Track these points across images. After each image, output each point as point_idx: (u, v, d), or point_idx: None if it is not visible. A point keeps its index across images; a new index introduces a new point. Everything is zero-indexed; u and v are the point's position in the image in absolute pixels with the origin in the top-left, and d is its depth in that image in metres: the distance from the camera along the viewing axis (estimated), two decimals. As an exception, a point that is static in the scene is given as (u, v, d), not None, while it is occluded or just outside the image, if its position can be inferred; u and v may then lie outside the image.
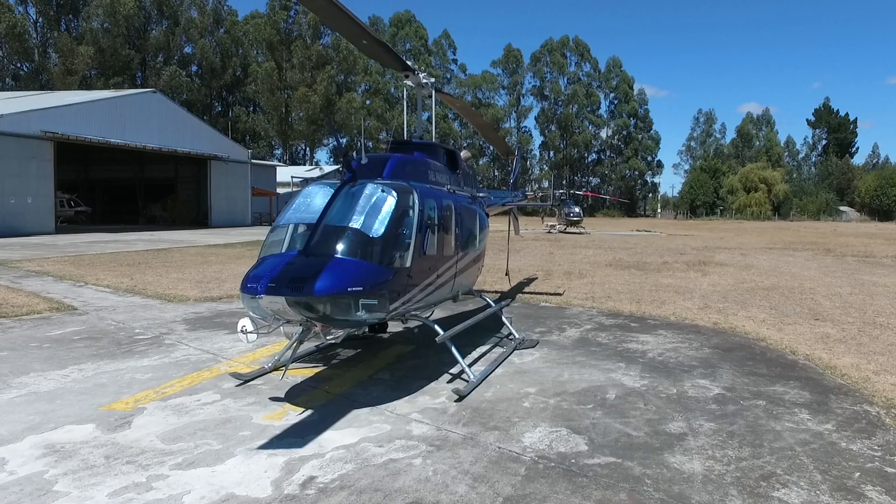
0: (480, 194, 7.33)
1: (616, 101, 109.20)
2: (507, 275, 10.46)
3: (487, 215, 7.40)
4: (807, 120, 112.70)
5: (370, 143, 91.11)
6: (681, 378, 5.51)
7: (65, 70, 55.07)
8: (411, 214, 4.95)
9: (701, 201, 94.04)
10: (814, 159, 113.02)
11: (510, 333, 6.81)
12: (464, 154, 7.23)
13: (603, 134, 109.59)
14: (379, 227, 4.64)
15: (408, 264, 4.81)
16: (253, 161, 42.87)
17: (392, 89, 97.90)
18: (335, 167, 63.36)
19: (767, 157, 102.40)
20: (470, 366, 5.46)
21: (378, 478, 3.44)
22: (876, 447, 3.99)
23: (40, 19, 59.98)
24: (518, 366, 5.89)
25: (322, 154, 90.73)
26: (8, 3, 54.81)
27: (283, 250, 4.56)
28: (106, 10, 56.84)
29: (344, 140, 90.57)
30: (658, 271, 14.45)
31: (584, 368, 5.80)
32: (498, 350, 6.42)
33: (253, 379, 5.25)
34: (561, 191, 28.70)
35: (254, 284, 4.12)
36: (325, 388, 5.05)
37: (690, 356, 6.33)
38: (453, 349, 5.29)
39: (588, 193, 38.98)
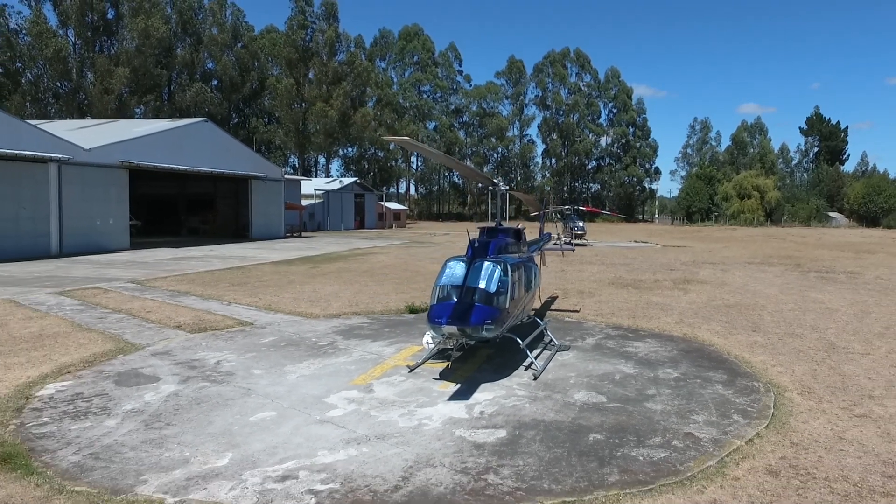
0: (532, 253, 11.41)
1: (615, 111, 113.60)
2: (538, 297, 14.53)
3: (537, 265, 11.45)
4: (799, 128, 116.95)
5: (381, 153, 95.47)
6: (656, 368, 9.58)
7: (102, 90, 59.20)
8: (506, 276, 8.98)
9: (696, 208, 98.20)
10: (806, 166, 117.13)
11: (551, 341, 10.87)
12: (521, 225, 11.30)
13: (603, 142, 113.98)
14: (493, 287, 8.67)
15: (507, 306, 8.86)
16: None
17: (400, 99, 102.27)
18: (353, 179, 67.55)
19: (761, 163, 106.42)
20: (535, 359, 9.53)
21: (513, 411, 7.51)
22: (748, 400, 8.06)
23: (78, 41, 64.30)
24: (561, 362, 9.95)
25: (334, 164, 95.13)
26: (53, 29, 59.07)
27: (446, 300, 8.59)
28: (140, 34, 61.09)
29: (354, 148, 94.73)
30: (650, 289, 18.53)
31: (600, 363, 9.87)
32: (546, 352, 10.47)
33: (415, 368, 9.30)
34: (567, 206, 32.71)
35: (439, 319, 8.17)
36: (459, 374, 9.09)
37: (664, 355, 10.41)
38: (527, 351, 9.38)
39: (590, 209, 43.13)
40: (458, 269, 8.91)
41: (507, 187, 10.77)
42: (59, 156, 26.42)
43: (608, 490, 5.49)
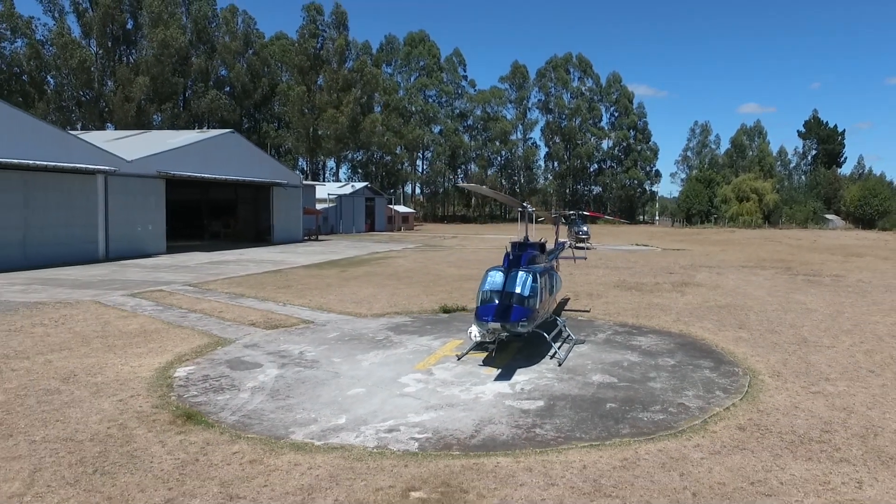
0: (552, 262, 13.64)
1: (616, 114, 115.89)
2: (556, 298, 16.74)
3: (558, 272, 13.67)
4: (797, 131, 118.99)
5: (388, 158, 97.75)
6: (656, 357, 11.80)
7: (123, 98, 61.51)
8: (536, 283, 11.19)
9: (696, 210, 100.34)
10: (804, 168, 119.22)
11: (569, 335, 13.09)
12: (542, 239, 13.52)
13: (604, 145, 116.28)
14: (526, 291, 10.88)
15: (537, 307, 11.07)
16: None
17: (406, 104, 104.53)
18: (364, 184, 69.79)
19: (760, 166, 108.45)
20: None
21: (546, 388, 9.72)
22: (728, 381, 10.27)
23: (100, 51, 66.66)
24: (579, 352, 12.16)
25: (342, 168, 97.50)
26: (77, 40, 61.48)
27: (489, 302, 10.79)
28: (159, 44, 63.43)
29: (360, 153, 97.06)
30: (651, 292, 20.74)
31: (611, 353, 12.09)
32: (566, 345, 12.68)
33: (462, 357, 11.51)
34: (572, 211, 34.85)
35: (485, 317, 10.38)
36: (498, 361, 11.27)
37: (663, 347, 12.62)
38: (552, 343, 11.60)
39: (593, 213, 45.24)
40: (497, 278, 11.13)
41: (534, 209, 13.00)
42: (106, 167, 28.65)
43: (622, 438, 7.70)
